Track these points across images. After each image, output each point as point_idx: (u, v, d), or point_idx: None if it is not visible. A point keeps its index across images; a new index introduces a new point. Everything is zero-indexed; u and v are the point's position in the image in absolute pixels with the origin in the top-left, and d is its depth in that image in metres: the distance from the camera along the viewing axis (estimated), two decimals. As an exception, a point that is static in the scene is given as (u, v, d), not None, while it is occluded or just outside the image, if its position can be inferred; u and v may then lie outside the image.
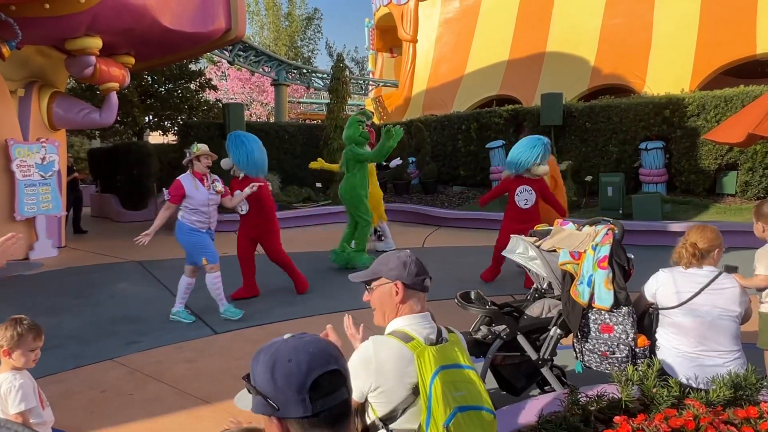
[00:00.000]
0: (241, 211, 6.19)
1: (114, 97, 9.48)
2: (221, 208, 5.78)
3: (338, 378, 1.08)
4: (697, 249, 2.82)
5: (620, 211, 9.73)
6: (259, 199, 6.11)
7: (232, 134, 6.40)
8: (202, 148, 5.45)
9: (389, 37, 23.92)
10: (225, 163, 6.27)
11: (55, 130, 9.43)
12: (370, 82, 25.75)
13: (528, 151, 6.23)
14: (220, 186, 5.55)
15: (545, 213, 6.76)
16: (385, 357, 1.80)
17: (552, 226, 3.51)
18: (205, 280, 5.50)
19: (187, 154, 5.46)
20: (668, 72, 13.88)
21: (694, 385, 2.60)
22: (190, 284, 5.55)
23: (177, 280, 7.00)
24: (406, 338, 1.83)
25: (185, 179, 5.37)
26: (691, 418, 2.12)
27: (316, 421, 1.04)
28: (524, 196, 6.23)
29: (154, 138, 24.44)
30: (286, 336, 1.14)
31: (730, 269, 2.89)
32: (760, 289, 3.23)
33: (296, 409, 1.04)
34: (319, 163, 9.00)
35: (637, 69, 14.64)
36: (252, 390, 1.10)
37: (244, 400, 1.13)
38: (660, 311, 2.92)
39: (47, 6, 6.96)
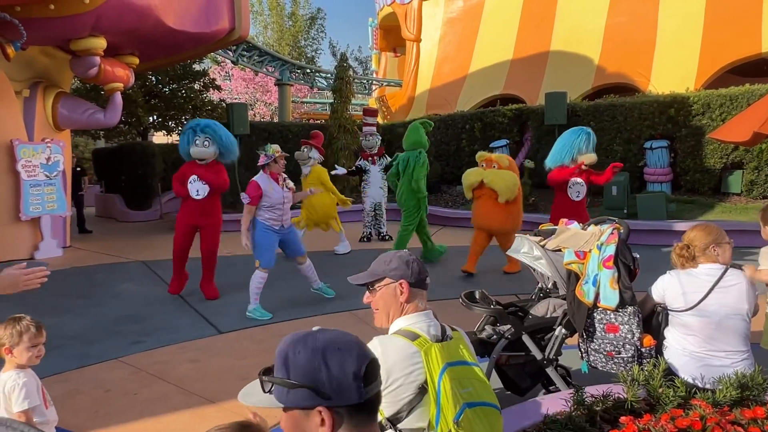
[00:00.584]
0: (197, 194, 6.07)
1: (118, 98, 9.51)
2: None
3: (377, 366, 1.13)
4: (686, 250, 2.82)
5: (625, 211, 9.70)
6: (222, 185, 6.19)
7: (213, 123, 6.34)
8: (278, 149, 5.69)
9: (393, 37, 23.90)
10: (204, 152, 6.11)
11: (59, 130, 9.46)
12: (374, 82, 25.76)
13: (573, 138, 6.22)
14: (291, 183, 5.92)
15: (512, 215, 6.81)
16: (393, 356, 1.80)
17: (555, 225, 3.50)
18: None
19: (263, 156, 5.66)
20: (673, 71, 13.82)
21: (700, 385, 2.58)
22: (308, 266, 6.01)
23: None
24: (413, 336, 1.84)
25: (261, 180, 5.57)
26: (698, 419, 2.10)
27: (361, 408, 1.08)
28: (576, 189, 6.22)
29: (159, 138, 24.50)
30: (315, 328, 1.17)
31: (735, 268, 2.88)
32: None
33: (350, 395, 1.06)
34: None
35: (641, 68, 14.58)
36: (285, 384, 1.08)
37: (253, 396, 1.12)
38: (669, 312, 2.90)
39: (52, 7, 6.98)
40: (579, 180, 6.24)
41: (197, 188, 6.07)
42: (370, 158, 9.73)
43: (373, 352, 1.15)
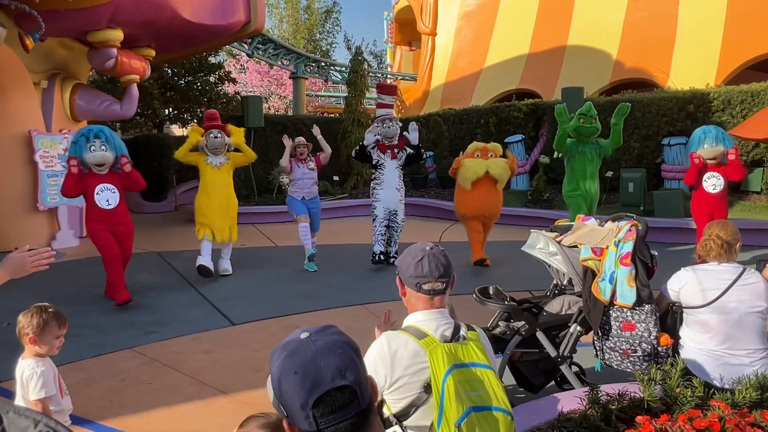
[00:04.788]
0: (108, 204, 5.67)
1: (135, 90, 9.57)
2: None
3: (346, 394, 1.03)
4: (723, 241, 2.77)
5: (641, 208, 9.58)
6: (138, 184, 6.06)
7: (105, 127, 5.92)
8: (297, 140, 7.24)
9: (408, 31, 23.79)
10: (105, 156, 5.68)
11: (77, 121, 9.55)
12: (389, 76, 25.68)
13: (693, 138, 6.50)
14: (312, 163, 7.28)
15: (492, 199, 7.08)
16: (398, 353, 1.78)
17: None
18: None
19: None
20: (693, 66, 13.60)
21: (718, 385, 2.54)
22: (304, 227, 7.17)
23: (195, 271, 7.07)
24: (419, 334, 1.80)
25: (294, 162, 7.22)
26: (717, 420, 2.06)
27: None
28: (712, 182, 6.39)
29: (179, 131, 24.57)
30: (303, 335, 1.09)
31: (765, 261, 2.85)
32: None
33: (301, 423, 1.03)
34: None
35: (660, 63, 14.37)
36: (270, 387, 1.09)
37: (270, 388, 1.12)
38: (684, 309, 2.86)
39: (70, -2, 7.03)
40: (715, 173, 6.37)
41: (107, 198, 5.69)
42: (388, 150, 7.21)
43: (348, 374, 1.04)
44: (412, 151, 7.27)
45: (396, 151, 7.23)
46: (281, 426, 1.12)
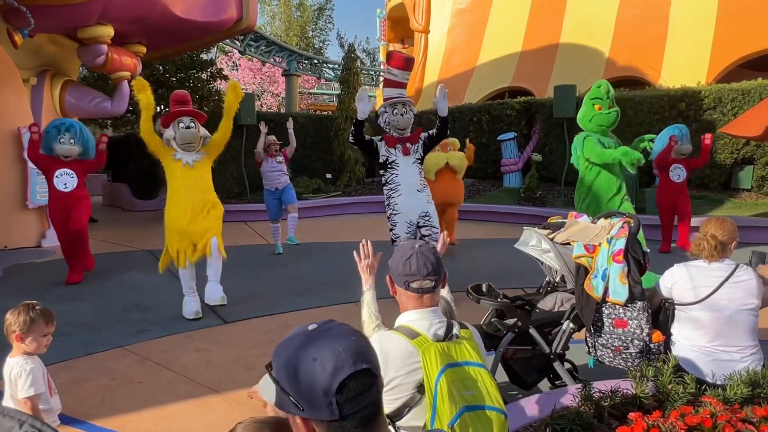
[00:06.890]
0: (66, 187, 6.44)
1: (125, 86, 9.51)
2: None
3: (367, 378, 1.01)
4: (717, 241, 2.77)
5: (633, 205, 9.61)
6: (96, 165, 6.95)
7: (77, 122, 6.81)
8: (268, 139, 8.14)
9: (401, 28, 23.76)
10: (71, 150, 6.51)
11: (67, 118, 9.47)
12: (381, 73, 25.64)
13: (662, 137, 7.82)
14: (280, 158, 8.20)
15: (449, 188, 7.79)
16: (391, 353, 1.76)
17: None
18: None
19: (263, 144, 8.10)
20: (684, 64, 13.65)
21: (710, 381, 2.56)
22: (293, 218, 8.38)
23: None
24: (412, 334, 1.78)
25: (265, 156, 8.16)
26: (708, 416, 2.07)
27: (344, 424, 0.99)
28: (677, 173, 7.69)
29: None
30: (311, 327, 1.06)
31: (761, 256, 2.86)
32: None
33: (322, 412, 0.98)
34: None
35: (652, 61, 14.43)
36: (275, 383, 1.04)
37: (268, 389, 1.07)
38: (676, 306, 2.87)
39: (59, -6, 6.97)
40: (679, 165, 7.66)
41: (65, 182, 6.42)
42: (398, 144, 5.53)
43: (367, 357, 1.04)
44: (432, 132, 5.54)
45: (408, 145, 5.53)
46: (273, 423, 1.09)
